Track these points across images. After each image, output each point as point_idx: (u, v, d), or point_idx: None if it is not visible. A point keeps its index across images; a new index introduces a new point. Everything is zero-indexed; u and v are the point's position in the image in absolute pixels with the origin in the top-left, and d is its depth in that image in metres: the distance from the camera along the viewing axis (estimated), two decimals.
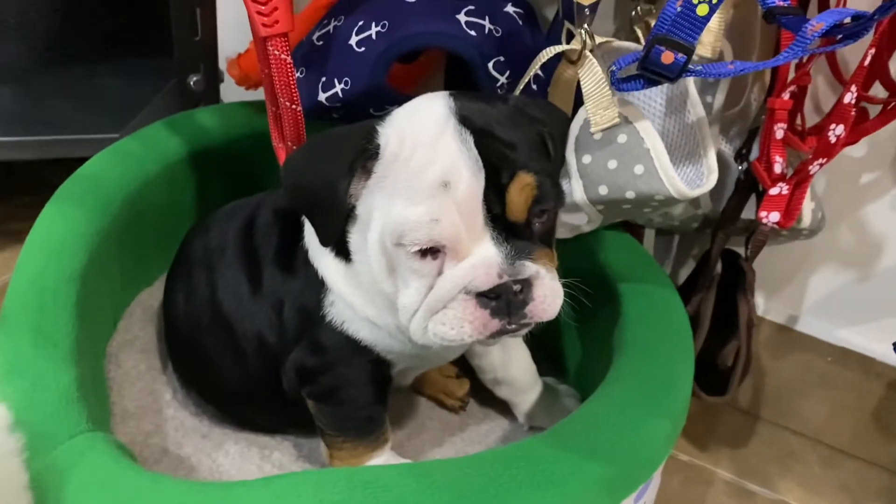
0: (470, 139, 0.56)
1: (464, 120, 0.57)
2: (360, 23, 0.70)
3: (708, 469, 0.95)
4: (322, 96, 0.72)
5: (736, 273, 0.85)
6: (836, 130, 0.67)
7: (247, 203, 0.76)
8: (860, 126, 0.73)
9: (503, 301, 0.56)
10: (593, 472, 0.57)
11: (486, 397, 0.87)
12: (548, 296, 0.58)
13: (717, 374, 0.83)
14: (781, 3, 0.58)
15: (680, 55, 0.52)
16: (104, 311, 0.83)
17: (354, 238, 0.63)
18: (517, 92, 0.68)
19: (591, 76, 0.61)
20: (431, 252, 0.57)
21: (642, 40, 0.80)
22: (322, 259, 0.67)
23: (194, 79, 1.02)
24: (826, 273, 0.93)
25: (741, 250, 0.86)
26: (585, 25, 0.61)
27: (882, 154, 0.84)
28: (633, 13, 0.81)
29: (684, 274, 0.94)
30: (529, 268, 0.57)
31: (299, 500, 0.53)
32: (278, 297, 0.71)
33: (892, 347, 0.89)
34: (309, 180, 0.60)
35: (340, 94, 0.71)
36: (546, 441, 0.59)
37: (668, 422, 0.64)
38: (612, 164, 0.62)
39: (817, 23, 0.54)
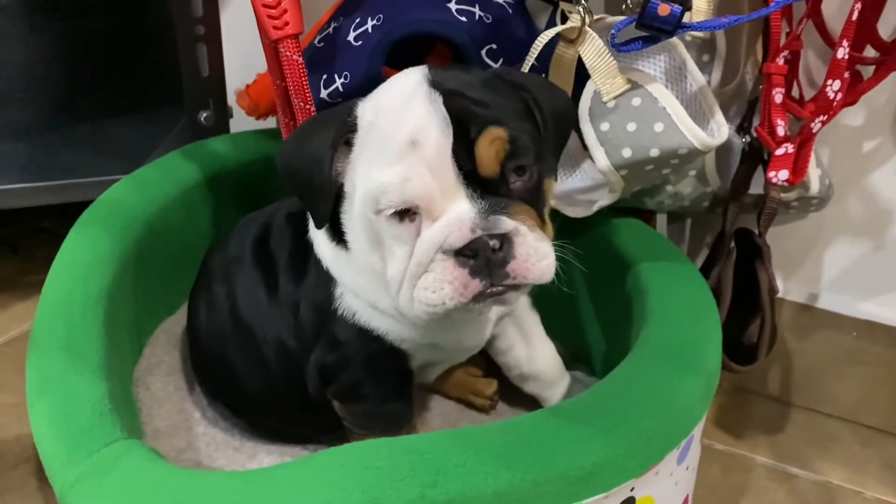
0: (439, 99, 0.55)
1: (435, 84, 0.57)
2: (357, 20, 0.73)
3: (746, 456, 0.93)
4: (324, 93, 0.75)
5: (751, 250, 0.86)
6: (833, 86, 0.69)
7: (262, 212, 0.78)
8: (856, 87, 0.75)
9: (482, 259, 0.54)
10: (631, 424, 0.57)
11: (515, 397, 0.86)
12: (531, 255, 0.55)
13: (744, 350, 0.83)
14: None
15: (675, 6, 0.55)
16: (129, 333, 0.84)
17: (346, 219, 0.65)
18: None
19: (594, 49, 0.64)
20: (409, 215, 0.57)
21: None
22: (324, 250, 0.68)
23: (204, 115, 1.05)
24: (840, 246, 0.93)
25: (753, 230, 0.87)
26: (583, 1, 0.64)
27: (882, 119, 0.85)
28: (624, 5, 0.85)
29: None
30: (506, 223, 0.55)
31: (343, 469, 0.53)
32: (294, 300, 0.72)
33: None
34: (298, 161, 0.62)
35: (341, 88, 0.74)
36: (582, 401, 0.59)
37: (701, 379, 0.63)
38: (632, 127, 0.64)
39: None
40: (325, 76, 0.74)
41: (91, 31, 1.38)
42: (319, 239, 0.69)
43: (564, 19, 0.70)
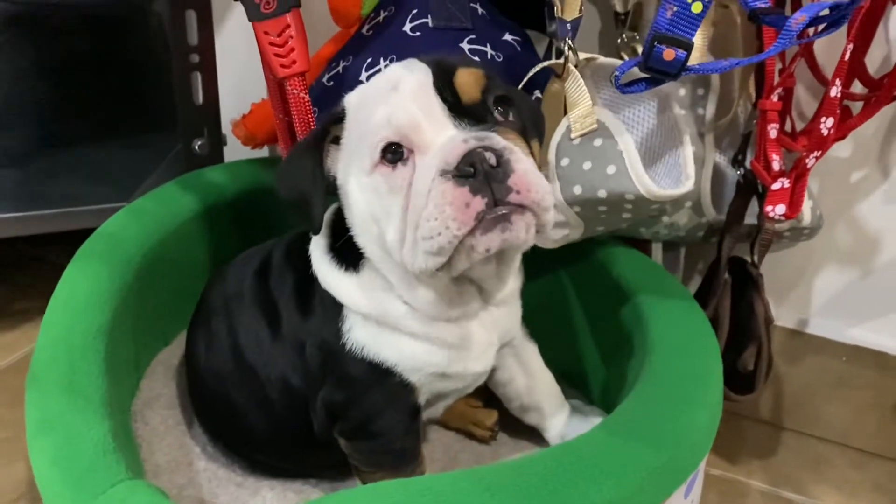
0: (423, 64, 0.59)
1: (419, 58, 0.61)
2: (369, 60, 0.74)
3: (742, 482, 0.95)
4: None
5: (744, 278, 0.87)
6: (827, 123, 0.71)
7: (261, 248, 0.78)
8: (846, 122, 0.77)
9: (480, 175, 0.53)
10: (643, 462, 0.57)
11: (516, 427, 0.87)
12: (530, 171, 0.54)
13: (740, 378, 0.84)
14: (762, 5, 0.62)
15: (680, 51, 0.56)
16: (127, 367, 0.83)
17: (349, 217, 0.65)
18: None
19: (575, 87, 0.66)
20: (402, 160, 0.57)
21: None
22: (330, 278, 0.68)
23: (199, 143, 1.05)
24: (830, 273, 0.96)
25: (746, 258, 0.88)
26: (568, 40, 0.66)
27: (868, 151, 0.88)
28: (619, 40, 0.86)
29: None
30: (498, 139, 0.55)
31: None
32: (299, 338, 0.71)
33: None
34: (291, 168, 0.64)
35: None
36: (594, 437, 0.60)
37: (706, 412, 0.64)
38: (587, 165, 0.66)
39: (800, 15, 0.58)
40: None
41: (78, 56, 1.37)
42: (324, 268, 0.69)
43: (559, 54, 0.71)
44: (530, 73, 0.70)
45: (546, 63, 0.67)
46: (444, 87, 0.56)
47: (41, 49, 1.18)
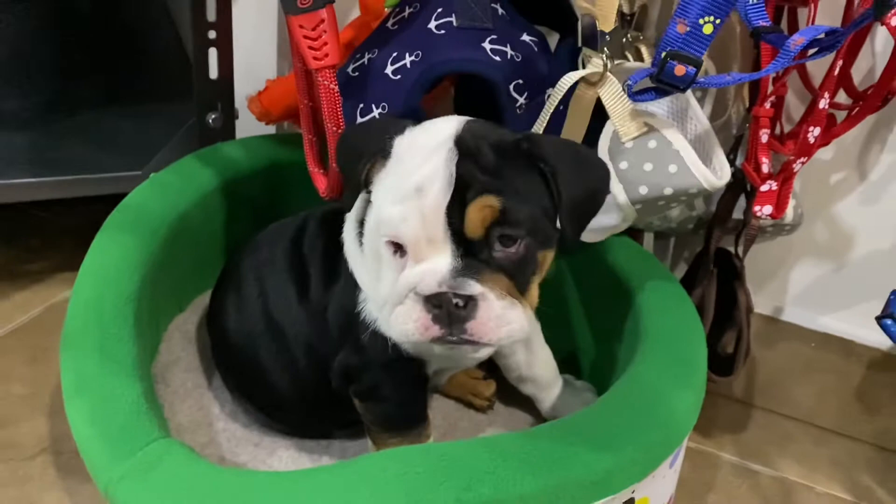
0: (454, 158, 0.60)
1: (459, 141, 0.62)
2: (395, 53, 0.78)
3: (714, 454, 1.03)
4: (360, 120, 0.79)
5: (728, 268, 0.94)
6: (814, 132, 0.77)
7: (293, 219, 0.83)
8: (831, 130, 0.83)
9: (444, 311, 0.60)
10: (637, 437, 0.64)
11: (510, 397, 0.93)
12: (492, 320, 0.60)
13: (719, 360, 0.91)
14: (764, 24, 0.68)
15: (690, 68, 0.61)
16: (150, 333, 0.88)
17: (366, 223, 0.70)
18: (543, 122, 0.76)
19: (613, 93, 0.70)
20: (400, 250, 0.63)
21: (631, 60, 0.90)
22: (351, 251, 0.73)
23: (213, 116, 1.08)
24: (805, 266, 1.03)
25: (729, 249, 0.95)
26: (607, 50, 0.70)
27: (848, 156, 0.95)
28: (624, 40, 0.91)
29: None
30: (473, 287, 0.59)
31: (387, 473, 0.59)
32: (323, 303, 0.77)
33: (868, 329, 0.99)
34: (348, 149, 0.69)
35: (378, 118, 0.79)
36: (595, 413, 0.66)
37: (693, 393, 0.71)
38: (648, 167, 0.71)
39: (799, 37, 0.64)
40: (361, 105, 0.78)
41: (89, 22, 1.39)
42: (349, 239, 0.74)
43: (577, 56, 0.76)
44: (566, 85, 0.72)
45: (581, 73, 0.71)
46: (457, 212, 0.60)
47: (46, 10, 1.20)
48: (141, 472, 0.65)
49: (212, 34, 1.04)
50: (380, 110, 0.79)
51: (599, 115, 0.75)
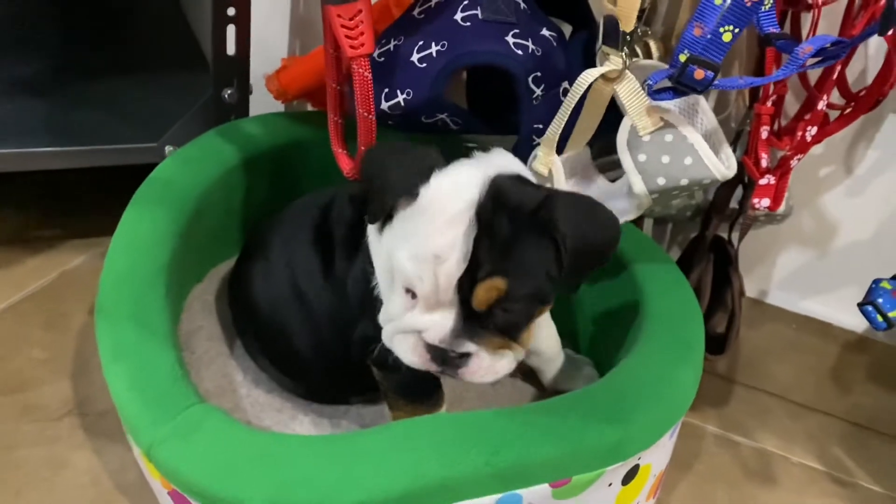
0: (473, 232, 0.65)
1: (480, 211, 0.66)
2: (421, 42, 0.81)
3: (699, 426, 1.10)
4: (385, 105, 0.83)
5: (721, 253, 1.01)
6: (811, 132, 0.83)
7: (321, 195, 0.87)
8: (825, 129, 0.89)
9: (440, 357, 0.69)
10: (644, 410, 0.71)
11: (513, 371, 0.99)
12: (479, 371, 0.69)
13: (710, 339, 0.98)
14: (774, 31, 0.73)
15: (709, 72, 0.66)
16: (175, 302, 0.91)
17: (385, 234, 0.73)
18: (563, 118, 0.79)
19: (631, 90, 0.75)
20: (412, 293, 0.69)
21: (640, 54, 0.95)
22: (373, 241, 0.77)
23: (228, 92, 1.10)
24: (791, 253, 1.10)
25: (722, 235, 1.02)
26: (626, 49, 0.75)
27: (836, 151, 1.01)
28: (633, 34, 0.96)
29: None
30: (469, 346, 0.68)
31: (420, 438, 0.64)
32: (345, 275, 0.81)
33: (846, 313, 1.07)
34: (374, 176, 0.71)
35: (402, 104, 0.82)
36: (607, 387, 0.72)
37: (692, 370, 0.78)
38: (666, 159, 0.76)
39: (807, 46, 0.69)
40: (386, 90, 0.82)
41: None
42: (371, 230, 0.77)
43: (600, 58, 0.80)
44: (587, 82, 0.75)
45: (602, 70, 0.75)
46: (468, 284, 0.66)
47: None
48: (182, 434, 0.70)
49: (231, 11, 1.06)
50: (404, 96, 0.83)
51: (611, 108, 0.80)
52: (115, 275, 0.82)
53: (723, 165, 0.75)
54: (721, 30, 0.65)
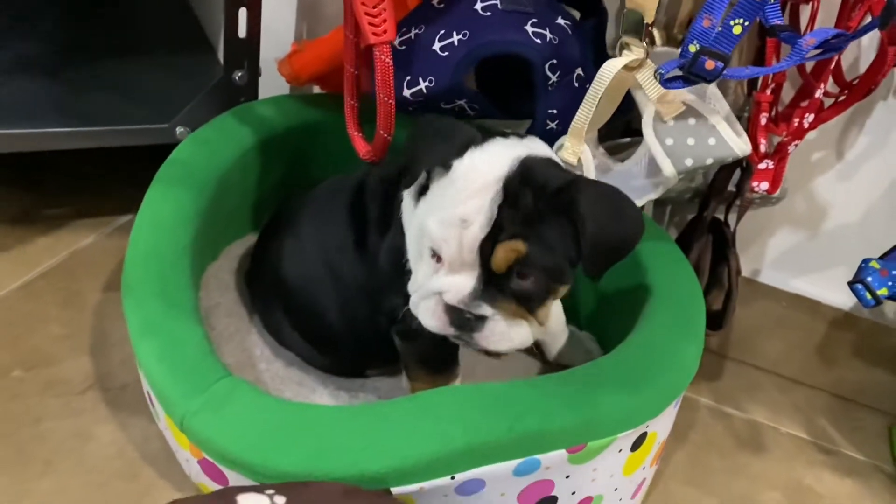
0: (499, 200, 0.69)
1: (507, 183, 0.70)
2: (442, 31, 0.84)
3: (693, 398, 1.15)
4: (406, 92, 0.86)
5: (718, 234, 1.05)
6: (809, 119, 0.88)
7: (350, 177, 0.90)
8: (820, 115, 0.94)
9: (458, 320, 0.72)
10: (654, 381, 0.75)
11: None
12: (495, 335, 0.72)
13: (707, 315, 1.02)
14: (779, 22, 0.77)
15: (719, 63, 0.70)
16: (195, 280, 0.94)
17: (419, 206, 0.78)
18: (591, 108, 0.82)
19: (652, 78, 0.78)
20: (437, 256, 0.73)
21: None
22: (406, 207, 0.81)
23: (239, 74, 1.12)
24: (783, 234, 1.15)
25: (719, 217, 1.06)
26: (647, 39, 0.78)
27: (828, 137, 1.05)
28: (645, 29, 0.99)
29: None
30: (485, 309, 0.71)
31: (446, 407, 0.68)
32: (377, 250, 0.85)
33: (834, 291, 1.12)
34: (417, 143, 0.75)
35: (424, 91, 0.85)
36: (618, 360, 0.77)
37: (695, 344, 0.82)
38: (691, 141, 0.80)
39: (810, 38, 0.73)
40: (408, 77, 0.85)
41: None
42: (406, 197, 0.81)
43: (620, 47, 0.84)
44: (611, 73, 0.79)
45: (624, 61, 0.78)
46: (489, 248, 0.69)
47: None
48: (215, 405, 0.73)
49: None
50: (426, 83, 0.85)
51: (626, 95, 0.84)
52: (140, 253, 0.85)
53: (743, 143, 0.79)
54: (732, 23, 0.69)
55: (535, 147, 0.76)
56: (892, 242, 0.99)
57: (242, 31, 1.10)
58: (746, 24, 0.69)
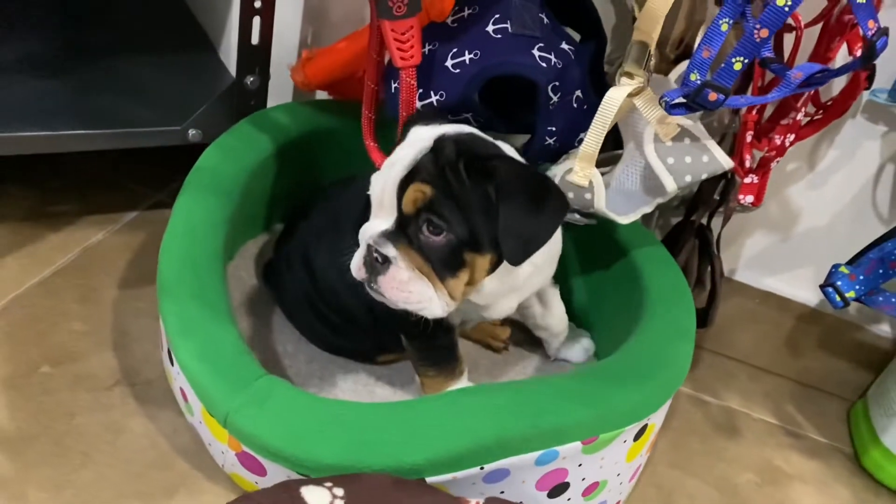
0: (426, 151, 0.76)
1: (439, 140, 0.76)
2: (454, 49, 0.90)
3: None
4: (418, 104, 0.92)
5: (701, 238, 1.14)
6: (790, 138, 0.97)
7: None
8: (799, 134, 1.03)
9: (368, 260, 0.76)
10: (656, 378, 0.84)
11: (522, 343, 1.11)
12: (395, 282, 0.75)
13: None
14: (769, 55, 0.85)
15: (721, 95, 0.78)
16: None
17: None
18: (602, 134, 0.88)
19: (651, 103, 0.86)
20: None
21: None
22: None
23: (251, 79, 1.17)
24: (757, 237, 1.25)
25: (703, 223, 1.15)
26: (650, 67, 0.85)
27: (802, 150, 1.15)
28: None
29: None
30: (389, 250, 0.75)
31: (476, 404, 0.75)
32: None
33: (802, 289, 1.23)
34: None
35: (435, 104, 0.91)
36: (624, 359, 0.85)
37: (689, 342, 0.91)
38: (688, 159, 0.88)
39: (798, 72, 0.81)
40: (420, 90, 0.91)
41: None
42: None
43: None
44: (617, 103, 0.85)
45: (628, 89, 0.85)
46: (402, 191, 0.75)
47: None
48: (257, 402, 0.79)
49: (257, 3, 1.11)
50: (437, 97, 0.92)
51: None
52: (175, 258, 0.89)
53: (727, 157, 0.88)
54: (733, 60, 0.77)
55: (483, 134, 0.83)
56: (855, 245, 1.09)
57: (255, 39, 1.15)
58: (746, 61, 0.77)
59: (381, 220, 0.77)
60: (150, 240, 1.23)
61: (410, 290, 0.75)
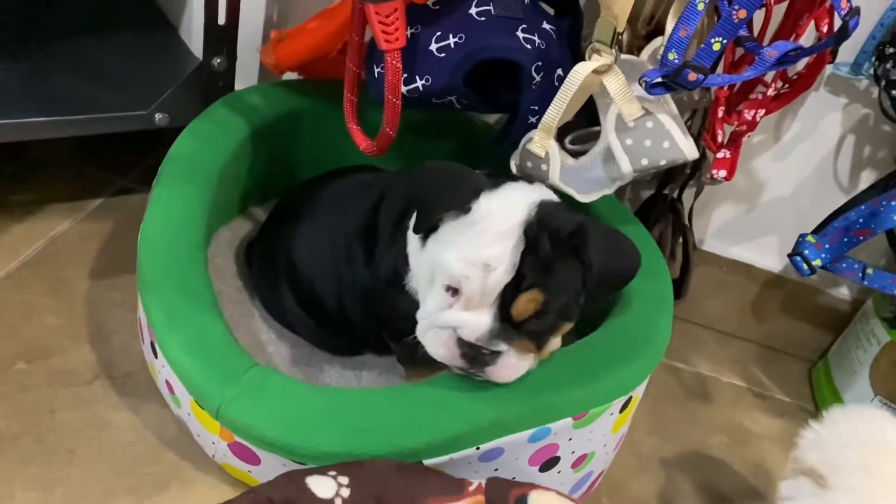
0: (521, 247, 0.74)
1: (527, 229, 0.75)
2: (438, 33, 0.89)
3: None
4: (403, 89, 0.91)
5: (673, 212, 1.17)
6: (760, 113, 0.99)
7: (380, 177, 0.96)
8: (768, 108, 1.06)
9: (471, 354, 0.75)
10: (641, 354, 0.86)
11: None
12: (507, 369, 0.76)
13: None
14: (744, 34, 0.87)
15: (701, 75, 0.79)
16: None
17: (430, 241, 0.82)
18: (562, 107, 0.88)
19: (619, 82, 0.86)
20: (453, 291, 0.76)
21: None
22: (413, 244, 0.85)
23: (217, 60, 1.13)
24: (725, 207, 1.28)
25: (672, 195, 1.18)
26: (617, 46, 0.86)
27: (767, 123, 1.18)
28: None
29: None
30: (501, 346, 0.74)
31: (469, 388, 0.77)
32: (380, 266, 0.90)
33: (766, 257, 1.27)
34: (425, 191, 0.80)
35: (421, 89, 0.90)
36: (606, 335, 0.87)
37: (668, 314, 0.94)
38: (648, 143, 0.88)
39: (772, 51, 0.83)
40: (405, 75, 0.90)
41: None
42: (413, 238, 0.85)
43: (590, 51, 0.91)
44: (581, 76, 0.84)
45: (594, 65, 0.85)
46: (510, 294, 0.74)
47: None
48: (250, 393, 0.78)
49: None
50: (423, 82, 0.91)
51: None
52: (155, 250, 0.87)
53: (691, 146, 0.89)
54: (713, 40, 0.78)
55: (543, 191, 0.83)
56: (818, 214, 1.13)
57: (222, 19, 1.11)
58: (724, 41, 0.78)
59: (477, 314, 0.75)
60: (119, 227, 1.20)
61: (519, 369, 0.77)
